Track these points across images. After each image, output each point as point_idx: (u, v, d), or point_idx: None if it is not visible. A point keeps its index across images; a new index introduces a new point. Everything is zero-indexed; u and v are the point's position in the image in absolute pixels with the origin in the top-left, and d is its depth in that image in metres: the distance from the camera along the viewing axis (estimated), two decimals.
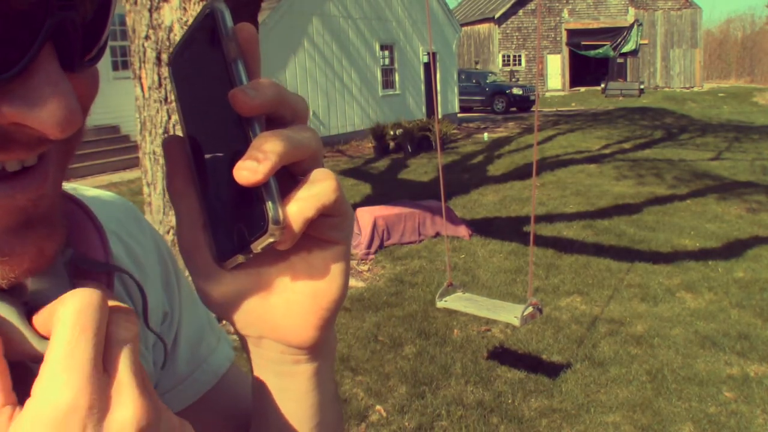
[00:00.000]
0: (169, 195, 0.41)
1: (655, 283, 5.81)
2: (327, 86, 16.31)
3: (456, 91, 21.58)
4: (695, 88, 35.89)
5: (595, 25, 35.16)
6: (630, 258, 6.53)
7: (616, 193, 9.71)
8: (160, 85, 3.75)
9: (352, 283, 5.88)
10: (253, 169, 0.34)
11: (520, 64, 35.81)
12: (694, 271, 6.15)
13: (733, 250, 6.83)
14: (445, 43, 20.53)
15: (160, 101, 3.77)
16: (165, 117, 3.78)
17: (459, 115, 21.67)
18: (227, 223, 0.38)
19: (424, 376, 4.13)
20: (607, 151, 14.03)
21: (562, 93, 34.43)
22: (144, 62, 3.75)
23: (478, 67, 35.42)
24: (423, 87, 19.79)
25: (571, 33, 35.40)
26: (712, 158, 13.26)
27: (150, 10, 3.63)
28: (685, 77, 36.62)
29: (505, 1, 35.31)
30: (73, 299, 0.32)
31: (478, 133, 17.82)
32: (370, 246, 6.72)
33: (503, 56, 35.81)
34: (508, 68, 35.44)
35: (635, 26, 32.62)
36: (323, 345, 0.44)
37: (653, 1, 35.77)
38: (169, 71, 0.41)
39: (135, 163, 11.27)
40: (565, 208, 8.86)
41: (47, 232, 0.36)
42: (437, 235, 7.13)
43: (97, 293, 0.33)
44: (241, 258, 0.38)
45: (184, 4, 3.56)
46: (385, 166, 13.04)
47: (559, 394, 3.91)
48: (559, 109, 25.91)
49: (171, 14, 3.60)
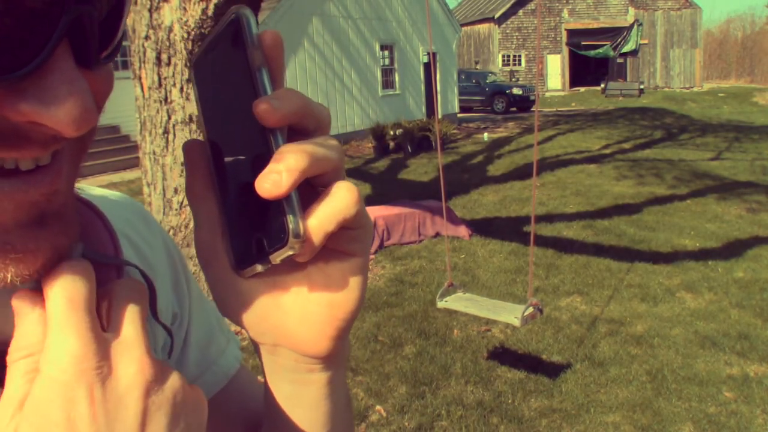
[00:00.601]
0: (188, 199, 0.41)
1: (655, 283, 5.81)
2: (327, 86, 16.32)
3: (456, 91, 21.59)
4: (695, 88, 35.89)
5: (595, 25, 35.16)
6: (630, 258, 6.53)
7: (616, 193, 9.71)
8: (160, 85, 3.75)
9: None
10: (276, 183, 0.34)
11: (520, 64, 35.81)
12: (694, 271, 6.15)
13: (733, 250, 6.83)
14: (445, 43, 20.53)
15: (160, 101, 3.77)
16: (165, 117, 3.78)
17: (459, 115, 21.68)
18: (246, 232, 0.38)
19: (424, 376, 4.13)
20: (607, 151, 14.03)
21: (562, 93, 34.43)
22: (144, 62, 3.75)
23: (478, 67, 35.42)
24: (423, 87, 19.80)
25: (571, 33, 35.40)
26: (712, 158, 13.27)
27: (150, 10, 3.63)
28: (685, 77, 36.62)
29: (505, 1, 35.31)
30: (61, 267, 0.34)
31: (478, 133, 17.82)
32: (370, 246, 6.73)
33: (503, 56, 35.82)
34: (508, 68, 35.44)
35: (635, 26, 32.62)
36: (337, 355, 0.44)
37: (653, 1, 35.77)
38: (190, 73, 0.41)
39: (135, 163, 11.27)
40: (565, 208, 8.86)
41: (61, 229, 0.36)
42: (437, 235, 7.13)
43: (83, 262, 0.35)
44: (260, 268, 0.38)
45: (184, 4, 3.56)
46: (385, 166, 13.05)
47: (559, 394, 3.91)
48: (559, 109, 25.91)
49: (171, 14, 3.60)
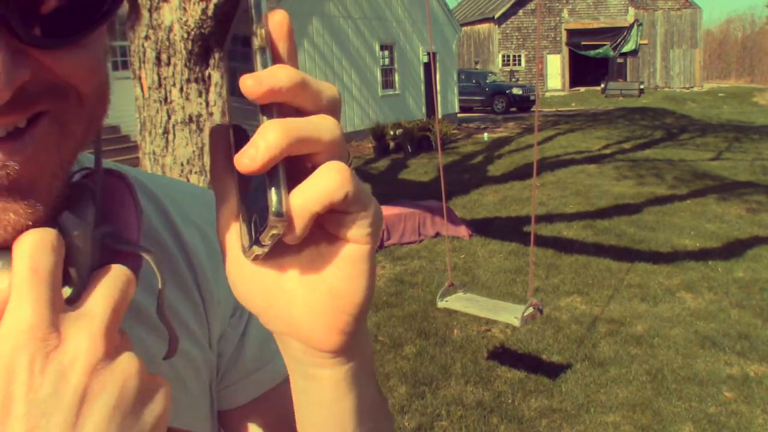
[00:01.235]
0: (211, 182, 0.41)
1: (655, 283, 5.81)
2: None
3: (456, 91, 21.59)
4: (695, 88, 35.90)
5: (595, 25, 35.17)
6: (630, 258, 6.53)
7: (616, 193, 9.71)
8: (160, 85, 3.75)
9: None
10: (253, 157, 0.33)
11: (520, 64, 35.81)
12: (694, 271, 6.15)
13: (733, 250, 6.83)
14: (445, 43, 20.53)
15: (160, 101, 3.77)
16: (165, 117, 3.78)
17: (459, 115, 21.67)
18: (250, 214, 0.37)
19: (424, 376, 4.13)
20: (607, 151, 14.03)
21: (562, 93, 34.43)
22: (144, 62, 3.75)
23: (478, 67, 35.43)
24: (423, 87, 19.80)
25: (571, 33, 35.40)
26: (712, 158, 13.27)
27: (150, 10, 3.63)
28: (685, 77, 36.62)
29: (505, 1, 35.31)
30: (28, 236, 0.34)
31: (478, 133, 17.82)
32: None
33: (503, 56, 35.82)
34: (508, 68, 35.44)
35: (635, 26, 32.61)
36: (350, 351, 0.42)
37: (653, 1, 35.77)
38: (225, 63, 0.40)
39: (135, 163, 11.25)
40: (565, 208, 8.86)
41: (13, 206, 0.36)
42: (437, 235, 7.13)
43: (52, 233, 0.35)
44: (257, 250, 0.36)
45: (183, 4, 3.56)
46: (385, 166, 13.05)
47: (559, 394, 3.91)
48: (559, 109, 25.92)
49: (171, 14, 3.60)
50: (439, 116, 17.79)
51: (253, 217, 0.36)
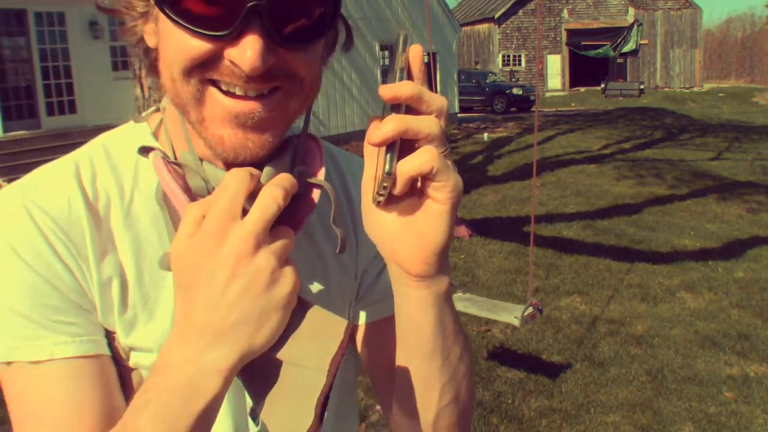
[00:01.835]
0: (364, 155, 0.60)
1: (655, 283, 5.81)
2: (327, 86, 16.32)
3: (456, 91, 21.58)
4: (695, 88, 35.89)
5: (595, 25, 35.16)
6: (630, 258, 6.53)
7: (616, 193, 9.71)
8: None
9: None
10: (376, 135, 0.52)
11: (520, 64, 35.80)
12: (694, 271, 6.15)
13: (733, 250, 6.82)
14: (445, 43, 20.53)
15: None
16: None
17: (459, 115, 21.67)
18: (377, 175, 0.55)
19: None
20: (607, 151, 14.03)
21: (562, 93, 34.42)
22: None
23: (478, 67, 35.42)
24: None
25: (571, 33, 35.39)
26: (712, 158, 13.26)
27: None
28: (685, 77, 36.61)
29: (505, 1, 35.30)
30: (233, 173, 0.55)
31: (478, 133, 17.82)
32: None
33: (503, 56, 35.81)
34: (508, 68, 35.43)
35: (635, 26, 32.60)
36: (430, 280, 0.60)
37: (653, 1, 35.76)
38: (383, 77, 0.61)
39: None
40: (565, 208, 8.86)
41: (255, 135, 0.61)
42: None
43: (251, 170, 0.56)
44: (377, 198, 0.56)
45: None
46: None
47: (559, 394, 3.91)
48: (559, 109, 25.91)
49: None
50: None
51: (377, 176, 0.55)
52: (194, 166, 0.65)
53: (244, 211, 0.54)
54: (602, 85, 32.66)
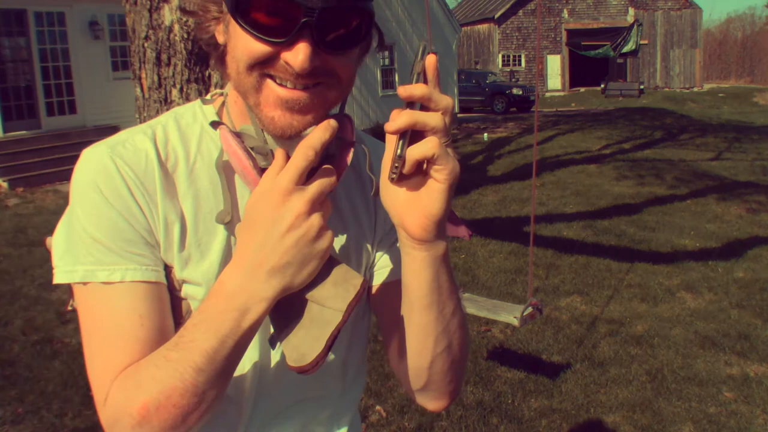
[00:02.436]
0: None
1: (655, 283, 5.81)
2: None
3: (456, 91, 21.57)
4: (695, 89, 35.88)
5: (595, 25, 35.15)
6: (630, 258, 6.53)
7: (616, 193, 9.71)
8: (160, 85, 3.75)
9: None
10: (391, 123, 0.69)
11: (520, 64, 35.79)
12: (694, 271, 6.15)
13: (733, 250, 6.82)
14: (445, 43, 20.52)
15: (160, 101, 3.76)
16: None
17: (459, 115, 21.67)
18: (391, 157, 0.71)
19: None
20: (607, 151, 14.03)
21: (562, 93, 34.42)
22: (144, 63, 3.75)
23: (478, 67, 35.41)
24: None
25: (571, 33, 35.38)
26: (712, 158, 13.27)
27: (150, 11, 3.63)
28: (685, 77, 36.60)
29: (505, 1, 35.29)
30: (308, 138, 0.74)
31: (478, 133, 17.82)
32: None
33: (503, 56, 35.80)
34: (508, 68, 35.42)
35: (635, 26, 32.56)
36: (429, 244, 0.75)
37: (653, 1, 35.75)
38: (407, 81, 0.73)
39: None
40: (565, 208, 8.86)
41: (298, 117, 0.77)
42: None
43: (312, 143, 0.73)
44: (391, 174, 0.71)
45: (184, 5, 3.55)
46: None
47: (559, 394, 3.91)
48: (559, 110, 25.91)
49: (171, 15, 3.60)
50: None
51: (392, 158, 0.70)
52: (256, 135, 0.81)
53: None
54: (602, 85, 32.66)
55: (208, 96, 0.92)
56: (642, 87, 31.98)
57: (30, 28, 11.63)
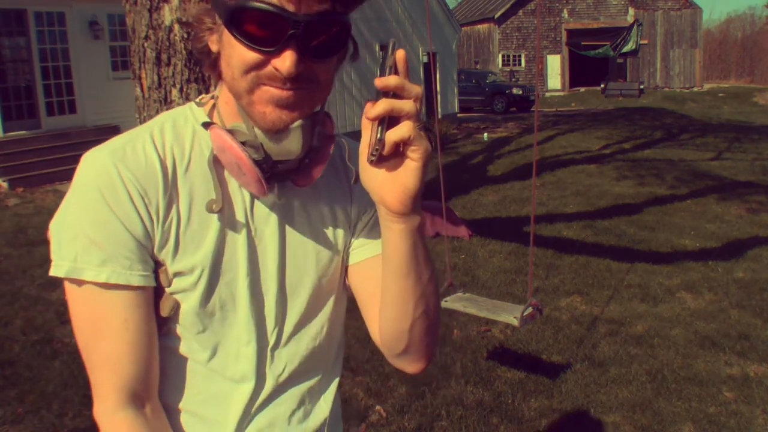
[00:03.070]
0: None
1: (655, 283, 5.81)
2: None
3: (456, 91, 21.56)
4: (695, 89, 35.88)
5: (595, 25, 35.14)
6: (630, 258, 6.53)
7: (616, 193, 9.71)
8: (160, 85, 3.74)
9: None
10: (371, 111, 0.76)
11: (520, 64, 35.78)
12: (694, 271, 6.15)
13: (733, 250, 6.82)
14: (444, 43, 20.52)
15: (160, 101, 3.76)
16: None
17: (459, 115, 21.66)
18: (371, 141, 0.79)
19: (423, 376, 4.13)
20: (607, 151, 14.03)
21: (562, 93, 34.41)
22: (144, 62, 3.74)
23: (478, 67, 35.40)
24: (423, 87, 19.71)
25: (571, 33, 35.38)
26: (712, 158, 13.27)
27: (150, 11, 3.63)
28: (685, 77, 36.60)
29: (505, 1, 35.29)
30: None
31: (478, 133, 17.82)
32: None
33: (503, 56, 35.80)
34: (508, 68, 35.41)
35: (635, 26, 32.55)
36: (406, 217, 0.84)
37: (653, 1, 35.75)
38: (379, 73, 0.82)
39: None
40: (565, 208, 8.86)
41: (286, 112, 0.86)
42: (437, 235, 7.13)
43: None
44: (371, 157, 0.79)
45: (184, 5, 3.55)
46: None
47: (559, 394, 3.91)
48: (559, 109, 25.91)
49: (171, 14, 3.59)
50: (439, 116, 17.77)
51: (371, 142, 0.78)
52: (247, 131, 0.89)
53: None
54: (602, 85, 32.65)
55: (199, 99, 0.99)
56: (642, 87, 31.98)
57: (30, 28, 11.63)
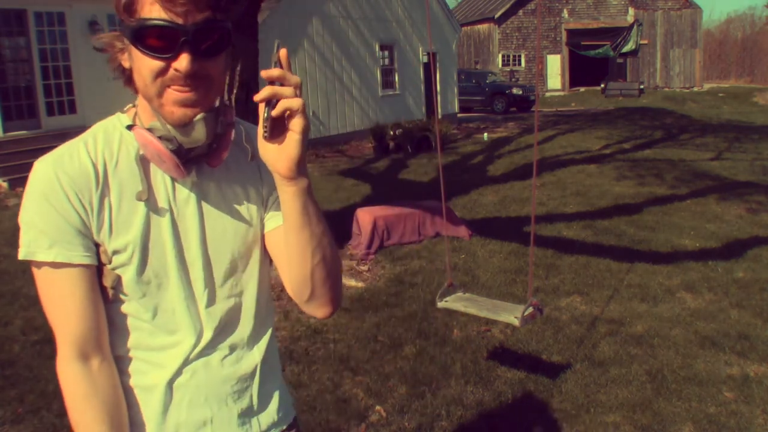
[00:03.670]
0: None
1: (655, 283, 5.81)
2: (327, 87, 16.30)
3: (456, 91, 21.56)
4: (695, 88, 35.88)
5: (595, 25, 35.14)
6: (630, 258, 6.53)
7: (616, 193, 9.71)
8: None
9: (352, 283, 5.88)
10: (257, 95, 0.98)
11: (520, 64, 35.78)
12: (694, 271, 6.15)
13: (733, 250, 6.82)
14: (444, 43, 20.51)
15: None
16: None
17: (459, 115, 21.66)
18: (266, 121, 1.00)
19: (423, 376, 4.13)
20: (607, 151, 14.03)
21: (562, 93, 34.41)
22: None
23: (478, 67, 35.40)
24: (423, 87, 19.77)
25: (571, 33, 35.38)
26: (712, 158, 13.26)
27: None
28: (685, 77, 36.60)
29: (505, 1, 35.29)
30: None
31: (478, 133, 17.82)
32: (370, 246, 6.72)
33: (503, 56, 35.80)
34: (508, 68, 35.41)
35: (635, 26, 32.57)
36: (295, 180, 1.05)
37: (653, 1, 35.75)
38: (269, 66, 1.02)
39: None
40: (565, 208, 8.86)
41: (190, 109, 1.08)
42: (437, 235, 7.13)
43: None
44: (264, 133, 1.00)
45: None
46: (385, 166, 13.04)
47: (559, 394, 3.91)
48: (559, 109, 25.91)
49: None
50: (439, 116, 17.75)
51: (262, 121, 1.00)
52: (162, 127, 1.10)
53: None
54: (602, 85, 32.66)
55: (125, 108, 1.20)
56: (642, 87, 31.98)
57: (30, 28, 11.63)
